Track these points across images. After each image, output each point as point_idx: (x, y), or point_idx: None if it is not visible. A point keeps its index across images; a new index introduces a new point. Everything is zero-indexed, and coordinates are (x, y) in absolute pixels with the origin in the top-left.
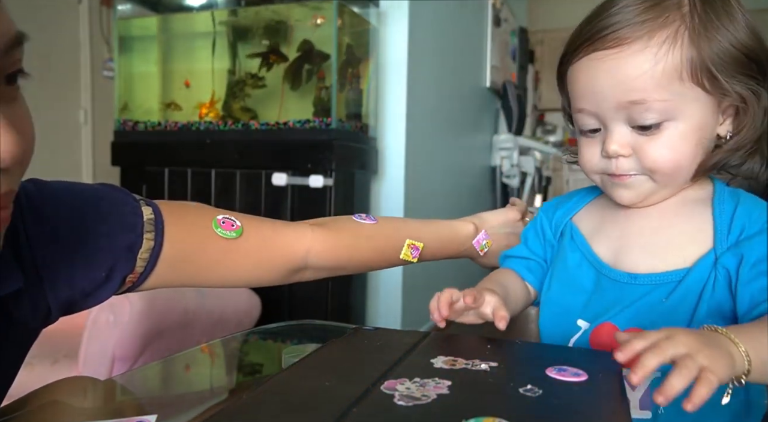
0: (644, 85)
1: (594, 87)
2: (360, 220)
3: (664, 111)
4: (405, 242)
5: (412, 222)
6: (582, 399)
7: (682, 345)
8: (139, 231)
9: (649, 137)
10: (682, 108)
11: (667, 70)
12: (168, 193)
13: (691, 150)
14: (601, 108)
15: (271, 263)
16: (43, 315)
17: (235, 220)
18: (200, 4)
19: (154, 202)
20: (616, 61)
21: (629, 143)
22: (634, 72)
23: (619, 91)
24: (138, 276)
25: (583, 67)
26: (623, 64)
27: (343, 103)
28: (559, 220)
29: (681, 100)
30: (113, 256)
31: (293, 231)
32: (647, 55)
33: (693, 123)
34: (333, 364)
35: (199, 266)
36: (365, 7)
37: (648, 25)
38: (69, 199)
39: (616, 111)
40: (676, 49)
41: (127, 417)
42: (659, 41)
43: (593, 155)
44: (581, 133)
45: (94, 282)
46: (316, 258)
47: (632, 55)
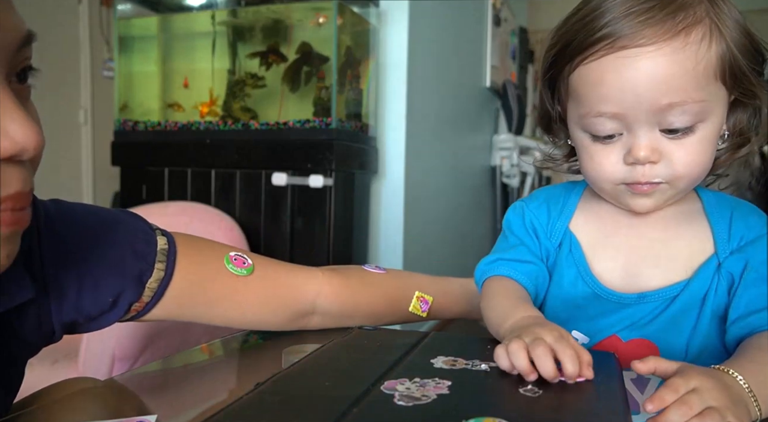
0: (686, 85)
1: (624, 88)
2: (370, 269)
3: (699, 113)
4: (414, 294)
5: (421, 276)
6: (582, 399)
7: (712, 400)
8: (151, 261)
9: (678, 141)
10: (713, 109)
11: (708, 69)
12: (168, 193)
13: (713, 152)
14: (632, 111)
15: (278, 304)
16: (47, 334)
17: (247, 258)
18: (200, 4)
19: (169, 232)
20: (653, 59)
21: (659, 149)
22: (675, 72)
23: (657, 92)
24: (144, 305)
25: (608, 66)
26: (663, 63)
27: (343, 103)
28: (554, 226)
29: (714, 100)
30: (122, 283)
31: (303, 274)
32: (688, 52)
33: (717, 124)
34: (333, 364)
35: (206, 300)
36: (365, 7)
37: (679, 21)
38: (86, 222)
39: (649, 114)
40: (713, 45)
41: (127, 417)
42: (697, 38)
43: (612, 163)
44: (595, 138)
45: (100, 307)
46: (324, 303)
47: (673, 53)
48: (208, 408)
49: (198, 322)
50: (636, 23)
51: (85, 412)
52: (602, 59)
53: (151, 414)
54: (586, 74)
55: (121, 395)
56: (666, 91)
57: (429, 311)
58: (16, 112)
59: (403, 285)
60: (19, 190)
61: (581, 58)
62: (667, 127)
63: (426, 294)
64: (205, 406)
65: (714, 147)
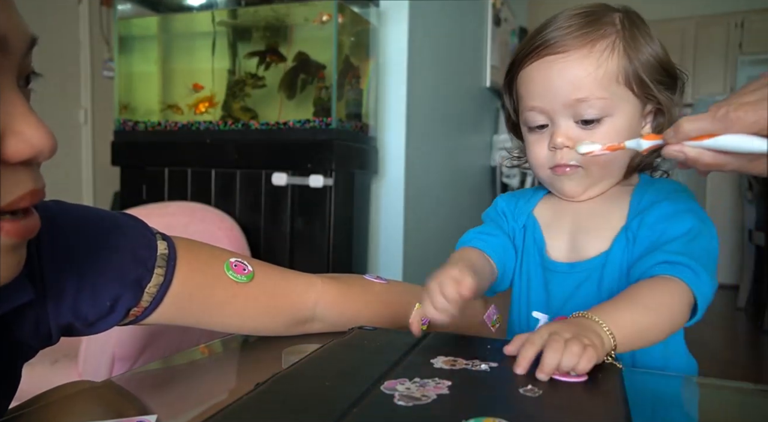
0: (588, 84)
1: (545, 85)
2: (371, 279)
3: (604, 108)
4: (415, 306)
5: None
6: (582, 399)
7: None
8: (151, 266)
9: (589, 131)
10: (618, 106)
11: (607, 73)
12: (168, 192)
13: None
14: (551, 104)
15: (277, 310)
16: (44, 336)
17: (247, 265)
18: (200, 4)
19: (170, 237)
20: (564, 63)
21: (573, 136)
22: (580, 73)
23: (567, 89)
24: (143, 310)
25: (537, 68)
26: (571, 66)
27: (343, 103)
28: (522, 209)
29: (617, 99)
30: (120, 288)
31: (304, 282)
32: (591, 59)
33: (625, 121)
34: (333, 364)
35: (205, 306)
36: (365, 7)
37: (591, 35)
38: (86, 224)
39: (563, 107)
40: (614, 56)
41: (127, 417)
42: (600, 49)
43: (541, 149)
44: (530, 130)
45: (98, 311)
46: (323, 312)
47: (579, 59)
48: (208, 408)
49: (197, 327)
50: (559, 36)
51: (85, 412)
52: (534, 63)
53: (151, 414)
54: (524, 76)
55: (121, 395)
56: (574, 88)
57: (429, 324)
58: (30, 116)
59: (404, 296)
60: (33, 188)
61: (522, 64)
62: (580, 118)
63: None
64: (205, 406)
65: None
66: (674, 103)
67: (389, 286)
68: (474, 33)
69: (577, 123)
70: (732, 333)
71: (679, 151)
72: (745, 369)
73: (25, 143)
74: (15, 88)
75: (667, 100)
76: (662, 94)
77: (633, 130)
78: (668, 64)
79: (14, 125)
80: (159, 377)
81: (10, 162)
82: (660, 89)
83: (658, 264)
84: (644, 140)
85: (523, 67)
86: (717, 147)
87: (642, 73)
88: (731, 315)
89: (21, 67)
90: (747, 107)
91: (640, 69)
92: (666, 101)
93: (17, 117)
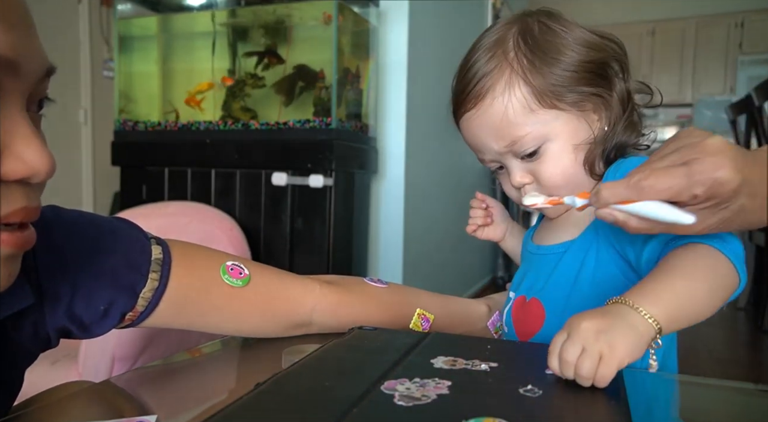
0: (507, 127)
1: (477, 141)
2: (371, 283)
3: (535, 138)
4: (416, 311)
5: (423, 293)
6: (582, 399)
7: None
8: (145, 271)
9: (537, 162)
10: (548, 130)
11: (517, 109)
12: (168, 193)
13: (571, 159)
14: (491, 154)
15: (274, 315)
16: (43, 340)
17: (244, 268)
18: (200, 4)
19: (165, 241)
20: (479, 117)
21: (527, 171)
22: (495, 121)
23: (494, 138)
24: (138, 314)
25: (464, 126)
26: (485, 118)
27: (343, 103)
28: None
29: (543, 125)
30: (114, 292)
31: (301, 286)
32: (497, 104)
33: (564, 137)
34: (333, 364)
35: (201, 310)
36: (365, 7)
37: (488, 78)
38: (81, 230)
39: (501, 154)
40: (515, 90)
41: (127, 417)
42: (501, 91)
43: (510, 188)
44: (492, 172)
45: (92, 316)
46: (321, 316)
47: (487, 109)
48: (208, 408)
49: (193, 330)
50: (465, 92)
51: (85, 413)
52: (461, 120)
53: (151, 414)
54: (461, 129)
55: (121, 395)
56: (498, 136)
57: (430, 329)
58: (32, 138)
59: (404, 301)
60: (25, 205)
61: (455, 118)
62: (521, 155)
63: (427, 312)
64: (205, 406)
65: (573, 152)
66: (614, 92)
67: (389, 290)
68: (474, 33)
69: (522, 159)
70: (732, 333)
71: (609, 213)
72: (745, 369)
73: (21, 163)
74: (21, 111)
75: (599, 98)
76: (597, 90)
77: (579, 137)
78: (589, 60)
79: (14, 145)
80: (159, 377)
81: (5, 179)
82: (584, 90)
83: (672, 240)
84: (578, 199)
85: (457, 122)
86: (635, 213)
87: (557, 86)
88: (731, 315)
89: (34, 93)
90: (658, 174)
91: (552, 85)
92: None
93: (18, 138)
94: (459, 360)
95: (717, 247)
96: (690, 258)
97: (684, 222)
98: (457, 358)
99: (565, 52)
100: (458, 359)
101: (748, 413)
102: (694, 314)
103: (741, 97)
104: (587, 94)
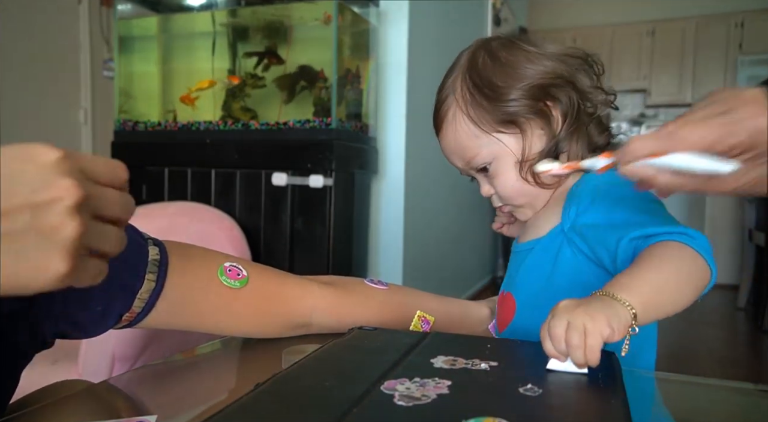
0: (461, 149)
1: (447, 157)
2: (371, 284)
3: (482, 157)
4: (416, 313)
5: (423, 295)
6: (582, 399)
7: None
8: (142, 272)
9: (490, 176)
10: (490, 151)
11: (463, 135)
12: (168, 193)
13: (515, 175)
14: (460, 168)
15: (272, 316)
16: (39, 341)
17: (242, 269)
18: (200, 4)
19: (162, 242)
20: (443, 139)
21: (490, 184)
22: (451, 143)
23: (455, 157)
24: (135, 315)
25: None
26: (445, 141)
27: (343, 103)
28: None
29: (488, 147)
30: (111, 293)
31: (300, 287)
32: (450, 130)
33: (507, 156)
34: (333, 364)
35: (198, 311)
36: (365, 7)
37: (443, 107)
38: None
39: (465, 169)
40: (460, 120)
41: (127, 417)
42: (450, 119)
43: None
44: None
45: (89, 317)
46: (320, 318)
47: (445, 134)
48: (208, 408)
49: (191, 331)
50: (434, 115)
51: (85, 413)
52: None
53: (151, 414)
54: None
55: (121, 395)
56: (456, 155)
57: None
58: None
59: (404, 302)
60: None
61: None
62: (477, 170)
63: (428, 314)
64: (205, 406)
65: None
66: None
67: (389, 291)
68: (474, 33)
69: (480, 173)
70: (732, 333)
71: (631, 171)
72: (745, 369)
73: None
74: None
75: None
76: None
77: (529, 151)
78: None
79: None
80: (159, 377)
81: None
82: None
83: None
84: (601, 158)
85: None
86: (666, 166)
87: (496, 116)
88: (731, 315)
89: None
90: (692, 125)
91: (490, 115)
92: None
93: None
94: (459, 359)
95: (686, 243)
96: (660, 253)
97: (724, 170)
98: (457, 358)
99: (510, 82)
100: (458, 359)
101: (748, 413)
102: (669, 304)
103: None
104: (527, 116)
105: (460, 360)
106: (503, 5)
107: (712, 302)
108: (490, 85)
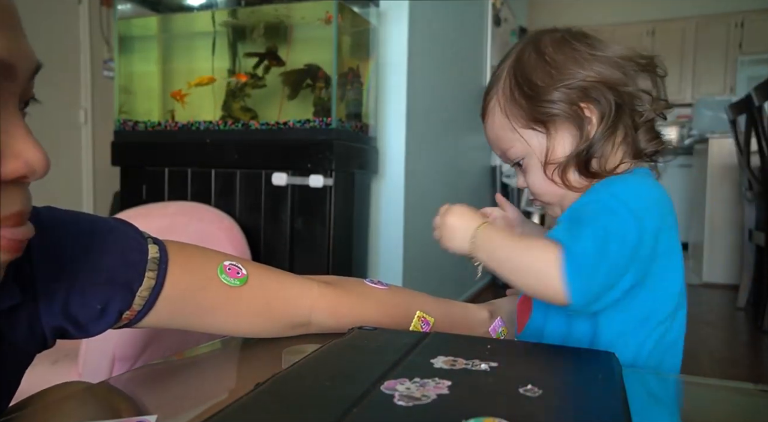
0: (498, 139)
1: (490, 145)
2: (371, 285)
3: (515, 151)
4: (416, 314)
5: (423, 296)
6: (582, 399)
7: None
8: (141, 270)
9: (523, 170)
10: (525, 146)
11: (503, 127)
12: (168, 193)
13: (541, 175)
14: (499, 156)
15: (272, 315)
16: (38, 341)
17: (242, 268)
18: (200, 4)
19: (162, 241)
20: (486, 129)
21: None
22: (491, 134)
23: (495, 147)
24: (135, 313)
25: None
26: (488, 130)
27: (343, 103)
28: None
29: (519, 142)
30: (111, 291)
31: (299, 286)
32: (490, 121)
33: (537, 154)
34: (333, 364)
35: (198, 310)
36: (365, 7)
37: (488, 98)
38: (77, 229)
39: (503, 158)
40: (497, 113)
41: (127, 417)
42: (492, 110)
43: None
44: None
45: (88, 315)
46: (320, 317)
47: (487, 123)
48: (208, 408)
49: (191, 330)
50: (482, 107)
51: (85, 413)
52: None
53: (151, 414)
54: None
55: (121, 395)
56: (495, 146)
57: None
58: (28, 137)
59: (404, 303)
60: (21, 210)
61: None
62: (511, 163)
63: (427, 315)
64: (205, 406)
65: (541, 170)
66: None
67: (389, 292)
68: (474, 33)
69: (515, 165)
70: (732, 333)
71: None
72: (745, 369)
73: (22, 162)
74: (17, 112)
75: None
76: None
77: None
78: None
79: (14, 145)
80: (159, 377)
81: (4, 179)
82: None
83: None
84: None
85: None
86: None
87: (533, 114)
88: (731, 315)
89: (23, 92)
90: None
91: (527, 113)
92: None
93: (18, 138)
94: (459, 359)
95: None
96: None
97: None
98: (457, 358)
99: (547, 82)
100: (458, 359)
101: (748, 413)
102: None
103: (741, 97)
104: (563, 117)
105: (460, 361)
106: (503, 5)
107: (712, 302)
108: (530, 84)
